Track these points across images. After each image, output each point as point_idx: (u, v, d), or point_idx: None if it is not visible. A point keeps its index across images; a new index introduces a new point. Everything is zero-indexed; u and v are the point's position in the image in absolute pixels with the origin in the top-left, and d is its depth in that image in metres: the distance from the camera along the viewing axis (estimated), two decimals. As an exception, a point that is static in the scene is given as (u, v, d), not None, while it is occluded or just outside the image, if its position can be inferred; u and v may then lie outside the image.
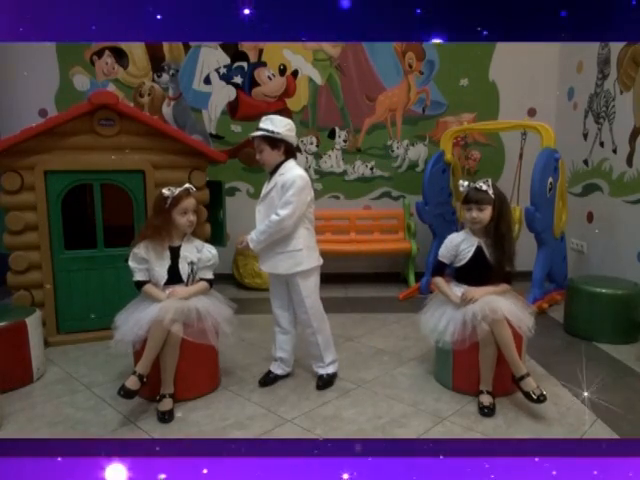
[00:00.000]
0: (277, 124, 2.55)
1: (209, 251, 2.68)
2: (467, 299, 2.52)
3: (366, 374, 2.90)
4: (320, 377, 2.76)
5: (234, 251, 4.91)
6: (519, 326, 2.49)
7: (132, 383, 2.31)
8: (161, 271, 2.56)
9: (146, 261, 2.55)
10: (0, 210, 3.29)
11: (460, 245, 2.64)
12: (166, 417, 2.37)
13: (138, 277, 2.57)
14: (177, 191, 2.54)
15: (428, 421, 2.36)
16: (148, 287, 2.55)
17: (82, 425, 2.35)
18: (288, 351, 2.81)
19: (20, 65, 4.78)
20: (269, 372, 2.83)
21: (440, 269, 2.73)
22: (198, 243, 2.68)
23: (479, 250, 2.60)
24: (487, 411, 2.41)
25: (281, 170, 2.58)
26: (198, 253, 2.64)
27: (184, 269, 2.60)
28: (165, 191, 2.54)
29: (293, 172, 2.54)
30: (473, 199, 2.54)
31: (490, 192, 2.53)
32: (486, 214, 2.54)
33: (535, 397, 2.33)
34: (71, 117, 3.28)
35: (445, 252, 2.69)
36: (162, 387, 2.45)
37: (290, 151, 2.62)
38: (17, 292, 3.31)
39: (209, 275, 2.68)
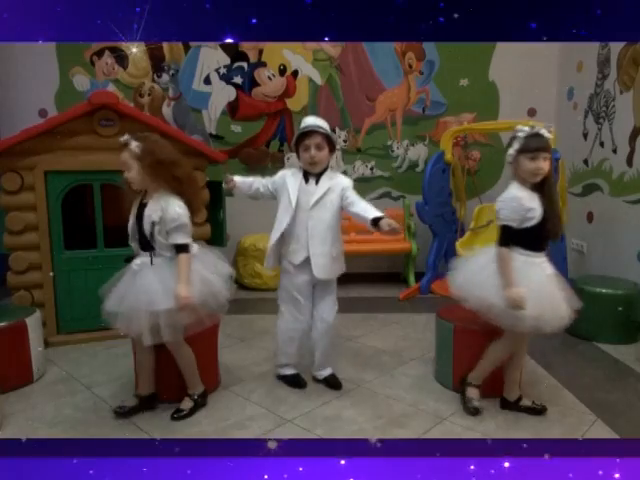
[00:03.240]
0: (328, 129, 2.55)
1: (174, 210, 2.22)
2: (516, 306, 2.11)
3: (366, 374, 2.90)
4: (329, 378, 2.73)
5: (234, 251, 4.92)
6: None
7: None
8: (131, 228, 2.32)
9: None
10: (0, 210, 3.29)
11: (528, 203, 2.16)
12: (175, 415, 2.40)
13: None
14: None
15: (428, 421, 2.36)
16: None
17: (82, 425, 2.36)
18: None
19: (20, 65, 4.78)
20: (296, 374, 2.77)
21: (509, 237, 2.19)
22: (164, 201, 2.24)
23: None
24: (473, 410, 2.37)
25: (329, 174, 2.57)
26: (161, 212, 2.22)
27: (147, 230, 2.24)
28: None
29: (342, 176, 2.62)
30: (541, 147, 2.15)
31: (549, 140, 2.18)
32: (548, 164, 2.17)
33: (539, 406, 2.32)
34: (71, 117, 3.28)
35: (512, 214, 2.16)
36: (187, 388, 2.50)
37: None
38: (17, 292, 3.31)
39: (179, 239, 2.23)
